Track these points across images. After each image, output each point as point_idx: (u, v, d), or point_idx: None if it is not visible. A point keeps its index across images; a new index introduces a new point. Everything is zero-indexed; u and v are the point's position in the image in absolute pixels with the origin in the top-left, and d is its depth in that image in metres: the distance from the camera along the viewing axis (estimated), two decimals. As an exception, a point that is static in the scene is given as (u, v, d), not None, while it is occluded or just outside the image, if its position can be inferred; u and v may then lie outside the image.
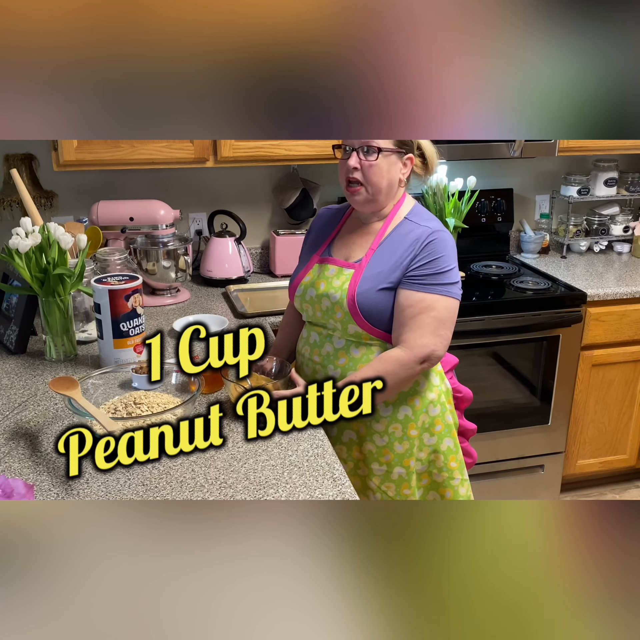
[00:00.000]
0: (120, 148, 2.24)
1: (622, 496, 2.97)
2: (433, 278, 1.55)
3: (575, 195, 2.93)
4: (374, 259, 1.59)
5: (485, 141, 2.54)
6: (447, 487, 1.72)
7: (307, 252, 1.75)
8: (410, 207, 1.64)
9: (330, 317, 1.62)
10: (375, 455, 1.67)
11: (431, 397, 1.66)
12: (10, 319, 1.93)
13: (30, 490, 1.12)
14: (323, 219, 1.77)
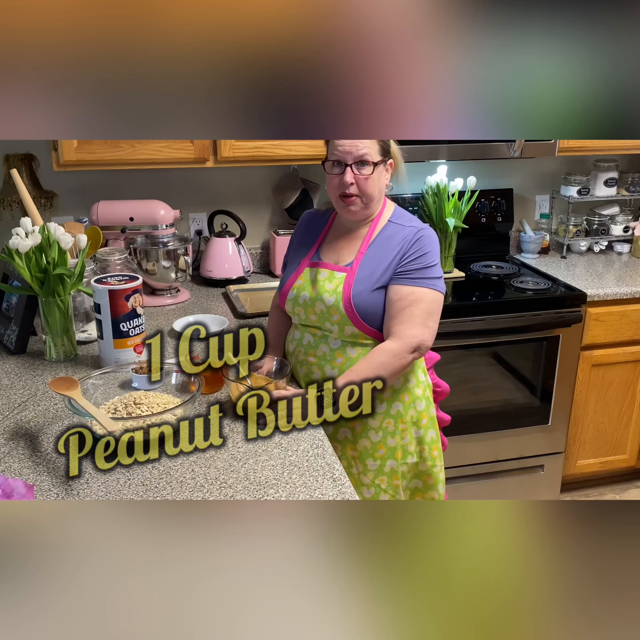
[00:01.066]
0: (120, 148, 2.24)
1: (622, 496, 2.97)
2: (421, 272, 1.60)
3: (575, 195, 2.93)
4: (365, 261, 1.63)
5: (485, 141, 2.54)
6: (430, 474, 1.79)
7: (294, 257, 1.77)
8: (392, 210, 1.69)
9: (327, 319, 1.64)
10: (370, 451, 1.71)
11: (418, 393, 1.72)
12: (10, 319, 1.93)
13: (30, 490, 1.12)
14: (306, 223, 1.80)
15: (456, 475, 2.64)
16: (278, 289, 1.78)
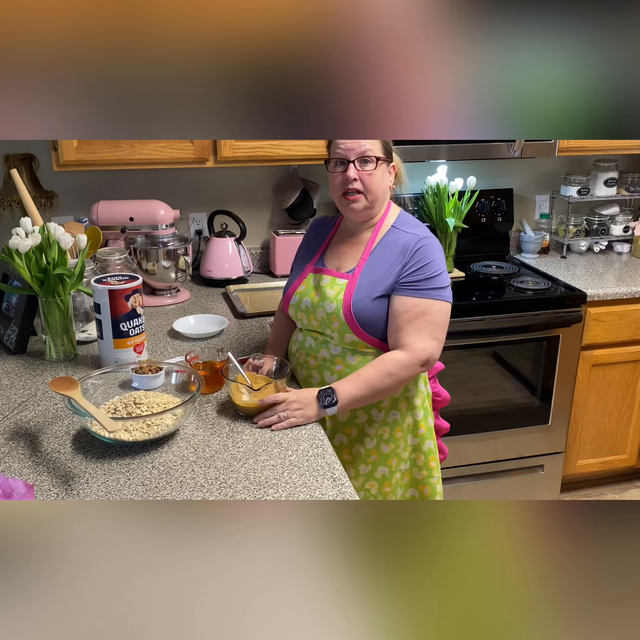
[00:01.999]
0: (120, 148, 2.24)
1: (622, 496, 2.97)
2: (425, 283, 1.57)
3: (575, 195, 2.93)
4: (366, 268, 1.62)
5: (485, 141, 2.54)
6: (426, 484, 1.77)
7: (300, 262, 1.77)
8: (397, 215, 1.67)
9: (327, 326, 1.64)
10: (364, 457, 1.71)
11: (417, 403, 1.71)
12: (10, 319, 1.93)
13: (30, 490, 1.12)
14: (315, 229, 1.80)
15: (456, 475, 2.64)
16: (282, 292, 1.78)
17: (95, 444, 1.44)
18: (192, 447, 1.43)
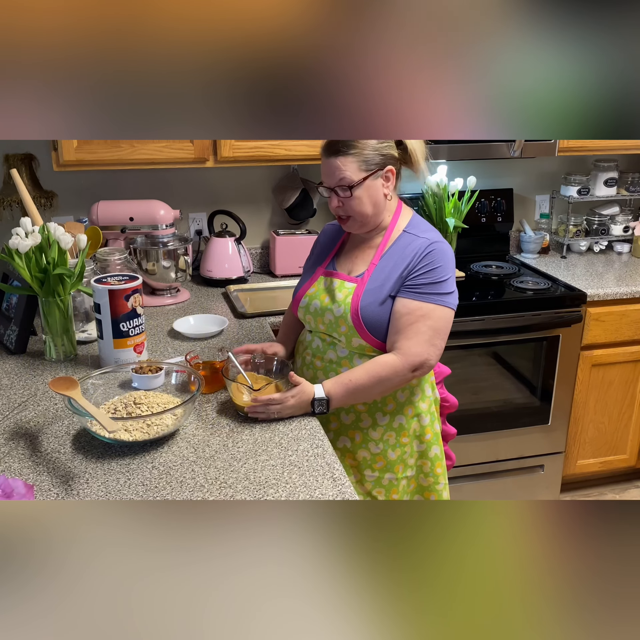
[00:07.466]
0: (120, 148, 2.24)
1: (622, 496, 2.97)
2: (430, 287, 1.56)
3: (575, 195, 2.93)
4: (376, 273, 1.60)
5: (485, 141, 2.54)
6: (432, 491, 1.76)
7: (312, 265, 1.76)
8: (409, 219, 1.64)
9: (335, 330, 1.63)
10: (369, 462, 1.69)
11: (423, 408, 1.70)
12: (10, 319, 1.93)
13: (30, 490, 1.12)
14: (327, 233, 1.79)
15: (456, 475, 2.64)
16: (292, 294, 1.77)
17: (95, 444, 1.44)
18: (192, 447, 1.43)
